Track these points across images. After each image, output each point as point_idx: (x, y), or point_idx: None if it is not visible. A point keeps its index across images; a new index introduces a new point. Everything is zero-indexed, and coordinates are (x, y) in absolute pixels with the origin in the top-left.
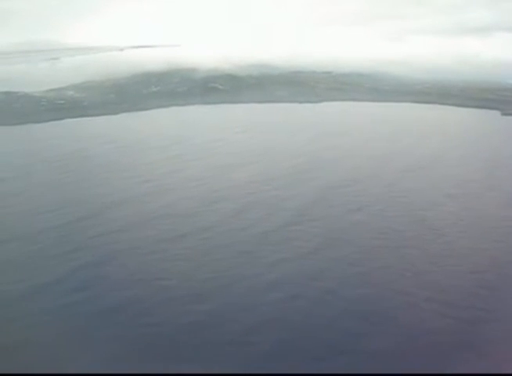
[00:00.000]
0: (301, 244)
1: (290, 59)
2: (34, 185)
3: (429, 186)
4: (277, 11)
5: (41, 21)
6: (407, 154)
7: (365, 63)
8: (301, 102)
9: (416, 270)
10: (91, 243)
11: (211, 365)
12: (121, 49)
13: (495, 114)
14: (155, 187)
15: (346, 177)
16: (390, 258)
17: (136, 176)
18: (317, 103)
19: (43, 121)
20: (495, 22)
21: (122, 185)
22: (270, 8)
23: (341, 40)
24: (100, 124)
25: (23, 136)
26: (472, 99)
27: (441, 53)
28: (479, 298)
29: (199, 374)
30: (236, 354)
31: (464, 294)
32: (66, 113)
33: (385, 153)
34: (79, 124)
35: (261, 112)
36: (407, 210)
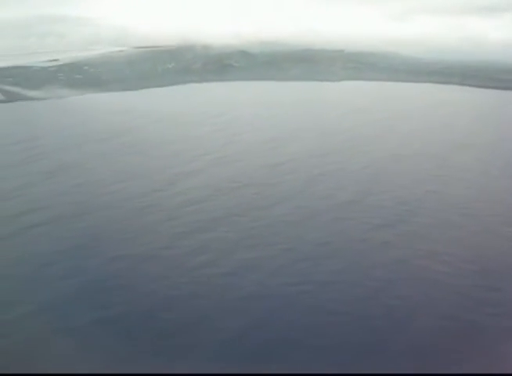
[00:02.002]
0: (390, 211)
1: (299, 37)
2: (87, 157)
3: (481, 162)
4: None
5: None
6: (445, 132)
7: (374, 42)
8: (319, 80)
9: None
10: (180, 212)
11: (367, 317)
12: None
13: None
14: (217, 159)
15: (396, 152)
16: (479, 224)
17: (191, 149)
18: (337, 82)
19: (65, 96)
20: (503, 2)
21: (181, 157)
22: None
23: (348, 19)
24: (124, 100)
25: (50, 111)
26: (492, 80)
27: (447, 33)
28: None
29: None
30: (384, 309)
31: None
32: (87, 88)
33: (422, 130)
34: (102, 99)
35: (284, 89)
36: (472, 183)
